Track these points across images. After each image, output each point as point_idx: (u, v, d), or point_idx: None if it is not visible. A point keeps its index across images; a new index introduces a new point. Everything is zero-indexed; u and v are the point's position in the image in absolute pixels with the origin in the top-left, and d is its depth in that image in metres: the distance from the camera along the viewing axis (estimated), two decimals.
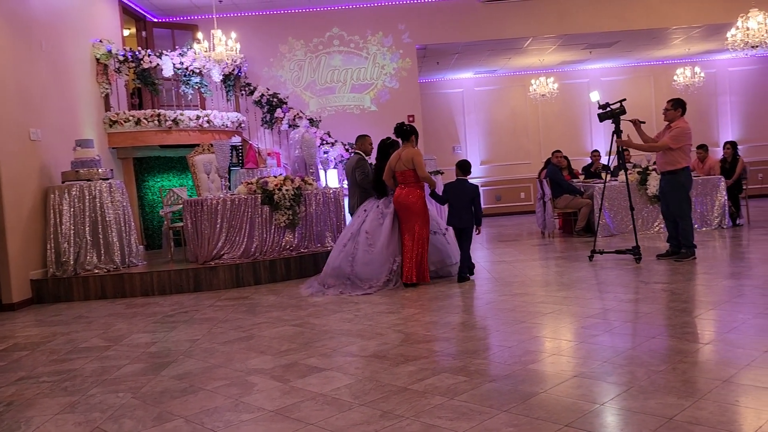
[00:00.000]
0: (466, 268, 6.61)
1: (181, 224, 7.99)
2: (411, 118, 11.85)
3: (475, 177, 15.58)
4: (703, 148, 10.96)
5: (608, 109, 7.10)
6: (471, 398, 3.07)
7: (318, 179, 8.86)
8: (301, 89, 11.76)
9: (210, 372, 3.85)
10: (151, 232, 9.79)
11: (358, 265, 6.44)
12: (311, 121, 10.76)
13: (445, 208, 7.15)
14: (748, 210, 10.26)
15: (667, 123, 7.15)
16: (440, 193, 6.87)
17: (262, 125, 11.03)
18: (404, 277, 6.43)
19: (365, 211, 6.81)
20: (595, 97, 7.33)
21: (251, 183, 7.62)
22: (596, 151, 12.91)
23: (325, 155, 10.44)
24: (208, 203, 7.33)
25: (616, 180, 10.01)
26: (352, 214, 7.23)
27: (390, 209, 6.64)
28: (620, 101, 7.15)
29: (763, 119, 15.17)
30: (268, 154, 9.98)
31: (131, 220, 7.73)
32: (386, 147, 6.88)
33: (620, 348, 3.75)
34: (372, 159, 7.32)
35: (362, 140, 7.59)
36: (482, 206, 6.95)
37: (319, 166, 8.85)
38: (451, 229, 6.88)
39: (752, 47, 9.41)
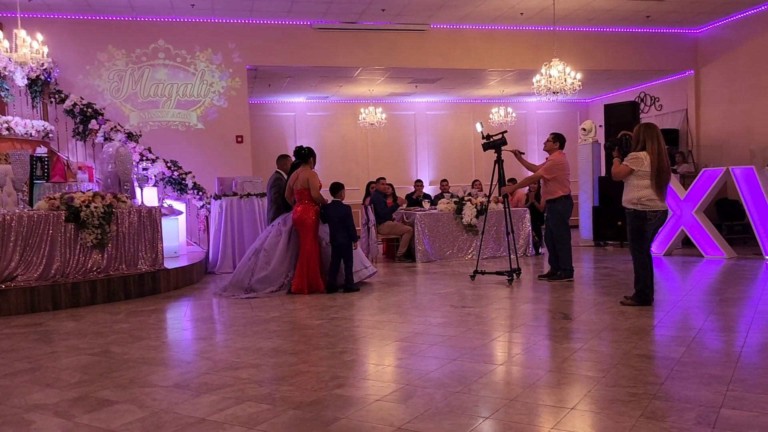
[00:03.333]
0: (351, 280, 7.21)
1: None
2: (240, 139, 11.65)
3: None
4: (512, 181, 11.90)
5: (491, 139, 7.62)
6: (271, 427, 3.00)
7: (134, 197, 8.35)
8: (121, 101, 11.09)
9: None
10: None
11: (254, 280, 7.15)
12: (130, 135, 10.18)
13: None
14: None
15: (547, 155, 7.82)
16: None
17: (73, 137, 10.25)
18: (294, 287, 7.12)
19: (272, 226, 7.52)
20: (479, 128, 7.87)
21: (54, 198, 6.99)
22: (419, 180, 13.54)
23: (144, 172, 9.89)
24: None
25: (435, 209, 10.54)
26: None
27: (287, 227, 7.33)
28: (502, 133, 7.78)
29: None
30: (79, 168, 9.26)
31: None
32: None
33: (423, 371, 3.89)
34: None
35: (284, 160, 8.34)
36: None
37: (136, 183, 8.33)
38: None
39: (554, 93, 10.44)
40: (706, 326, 4.95)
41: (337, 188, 7.50)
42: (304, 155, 7.31)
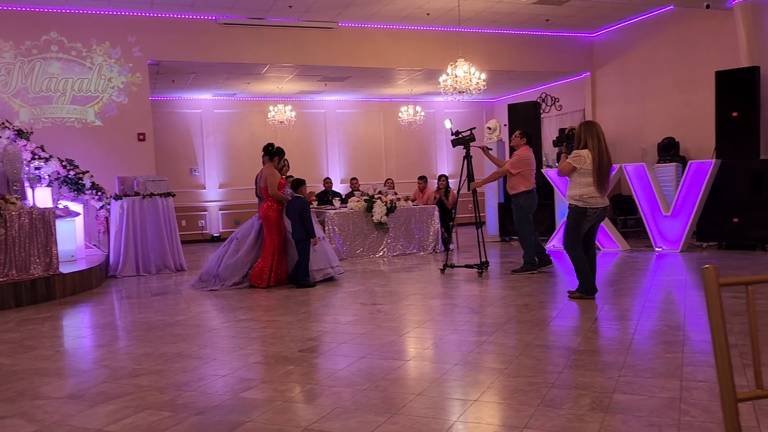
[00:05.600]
0: (306, 275, 7.31)
1: None
2: (142, 136, 11.21)
3: (214, 201, 15.23)
4: (422, 179, 12.09)
5: (459, 136, 7.70)
6: None
7: (25, 198, 7.85)
8: (9, 96, 10.40)
9: None
10: None
11: (222, 267, 7.44)
12: (20, 132, 9.56)
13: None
14: (458, 236, 11.53)
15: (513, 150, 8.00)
16: None
17: None
18: (262, 281, 7.32)
19: (250, 220, 7.84)
20: (447, 124, 7.98)
21: None
22: (328, 178, 13.51)
23: (37, 171, 9.32)
24: None
25: (346, 207, 10.54)
26: None
27: (260, 221, 7.60)
28: (470, 129, 7.87)
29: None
30: None
31: None
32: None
33: (331, 370, 3.87)
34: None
35: None
36: (221, 228, 7.26)
37: (27, 183, 7.84)
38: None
39: (460, 92, 10.66)
40: (601, 316, 5.21)
41: (297, 184, 7.61)
42: (271, 152, 7.54)
